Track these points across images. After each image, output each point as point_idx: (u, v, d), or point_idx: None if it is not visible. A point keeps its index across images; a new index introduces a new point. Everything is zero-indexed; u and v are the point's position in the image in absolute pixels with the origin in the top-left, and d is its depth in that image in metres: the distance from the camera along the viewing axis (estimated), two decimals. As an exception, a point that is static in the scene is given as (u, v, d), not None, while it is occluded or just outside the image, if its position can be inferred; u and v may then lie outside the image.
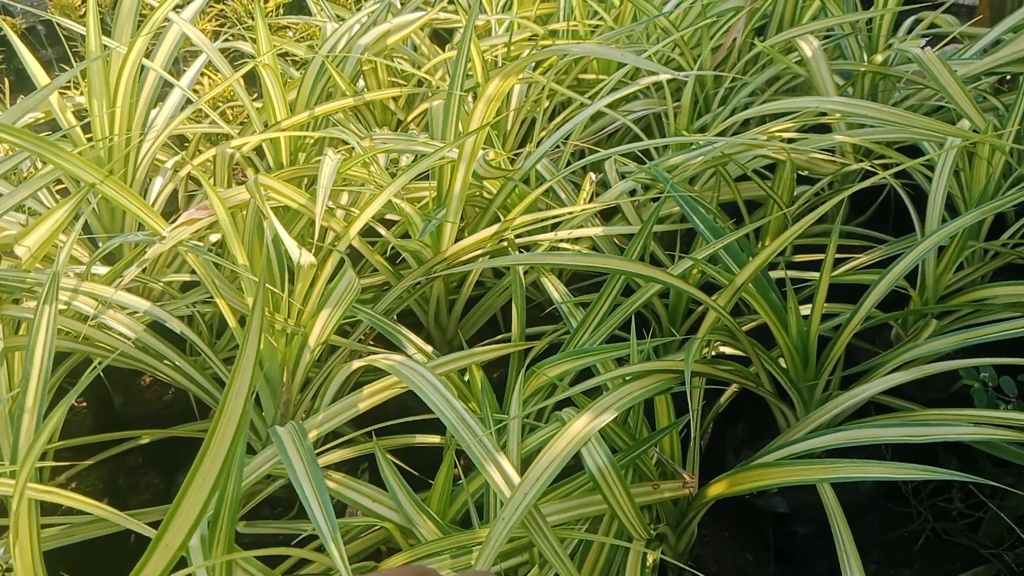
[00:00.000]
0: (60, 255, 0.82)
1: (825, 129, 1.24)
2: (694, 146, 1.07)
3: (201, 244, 0.91)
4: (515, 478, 0.70)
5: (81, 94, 1.34)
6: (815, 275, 1.11)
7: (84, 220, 0.96)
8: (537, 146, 1.13)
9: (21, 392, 0.79)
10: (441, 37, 1.79)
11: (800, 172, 1.17)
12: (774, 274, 1.08)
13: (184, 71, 1.34)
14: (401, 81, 1.46)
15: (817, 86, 1.23)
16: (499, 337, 1.01)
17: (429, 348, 0.96)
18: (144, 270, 0.99)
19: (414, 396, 1.02)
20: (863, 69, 1.31)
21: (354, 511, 0.84)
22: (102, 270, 0.99)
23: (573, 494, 0.79)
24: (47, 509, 0.92)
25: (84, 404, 1.23)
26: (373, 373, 0.93)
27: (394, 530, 0.76)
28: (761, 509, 0.97)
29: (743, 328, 0.92)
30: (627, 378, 0.78)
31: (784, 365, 0.94)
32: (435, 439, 0.94)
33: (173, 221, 0.90)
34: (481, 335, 1.17)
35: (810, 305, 0.94)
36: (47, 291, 0.78)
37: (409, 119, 1.36)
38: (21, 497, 0.70)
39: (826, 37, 1.42)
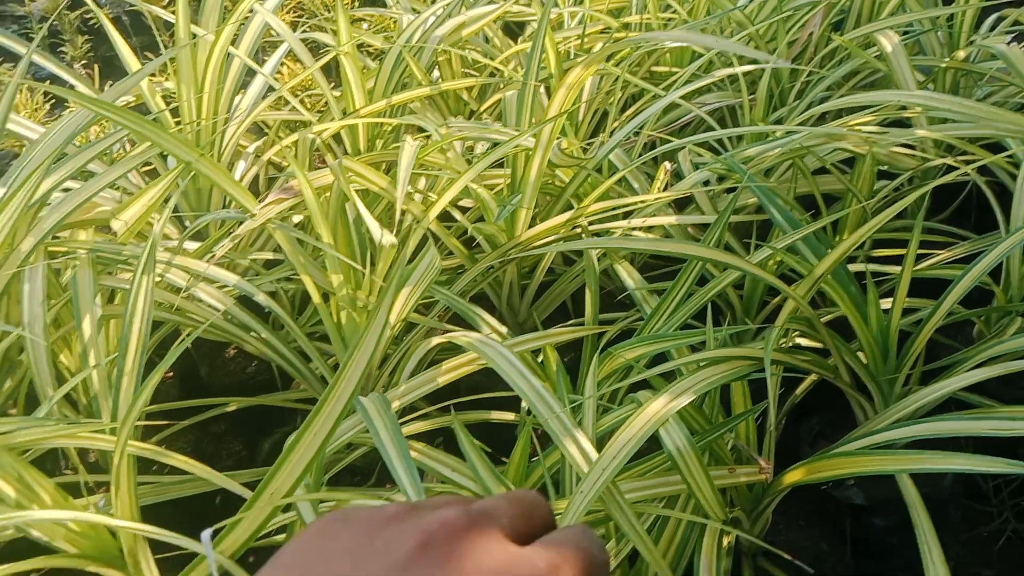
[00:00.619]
0: (157, 227, 0.86)
1: (905, 125, 1.22)
2: (771, 137, 1.07)
3: (286, 224, 0.94)
4: (593, 454, 0.71)
5: (168, 79, 1.39)
6: (895, 268, 1.10)
7: (174, 200, 1.00)
8: (610, 136, 1.14)
9: (120, 356, 0.83)
10: (511, 31, 1.80)
11: (879, 167, 1.15)
12: (853, 267, 1.07)
13: (264, 61, 1.38)
14: (474, 72, 1.48)
15: (897, 81, 1.21)
16: (570, 322, 1.02)
17: (504, 329, 0.98)
18: (231, 248, 1.02)
19: (485, 375, 1.04)
20: (944, 65, 1.29)
21: (432, 480, 0.86)
22: (192, 247, 1.03)
23: (648, 474, 0.79)
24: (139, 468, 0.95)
25: (171, 374, 1.28)
26: (446, 352, 0.95)
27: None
28: (837, 500, 0.96)
29: (821, 320, 0.92)
30: (703, 363, 0.78)
31: (863, 358, 0.94)
32: (509, 416, 0.96)
33: (261, 201, 0.93)
34: (551, 321, 1.18)
35: (890, 299, 0.93)
36: (145, 260, 0.82)
37: (482, 109, 1.38)
38: (123, 453, 0.74)
39: (904, 33, 1.40)
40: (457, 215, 1.09)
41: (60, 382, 0.96)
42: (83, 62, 2.07)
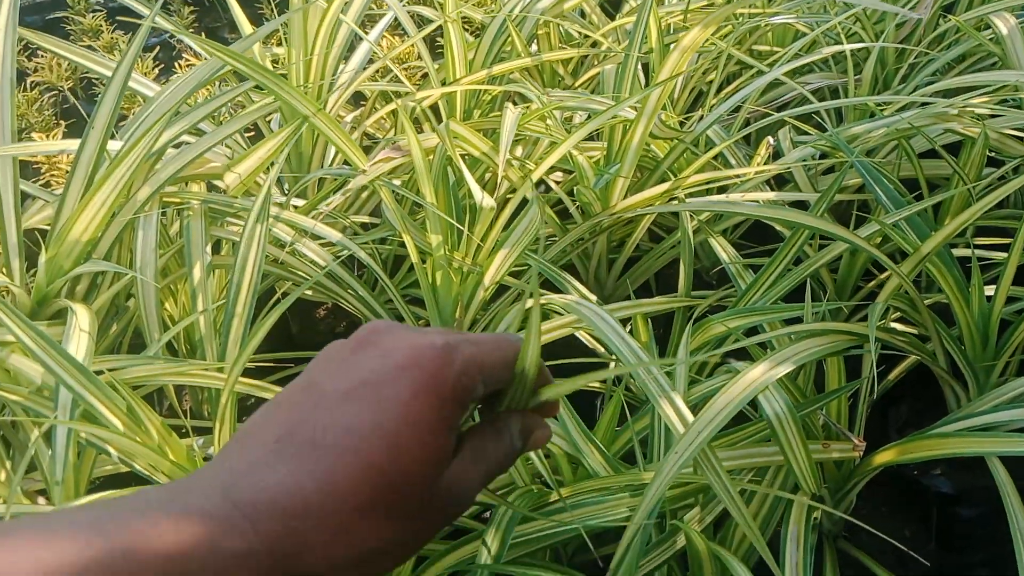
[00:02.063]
0: (272, 174, 0.89)
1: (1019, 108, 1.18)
2: (877, 116, 1.05)
3: (392, 182, 0.97)
4: (689, 416, 0.71)
5: (279, 44, 1.44)
6: (1000, 255, 1.07)
7: (284, 156, 1.03)
8: (709, 111, 1.14)
9: (230, 301, 0.86)
10: (606, 9, 1.80)
11: (988, 153, 1.12)
12: (955, 253, 1.04)
13: (367, 32, 1.41)
14: (571, 47, 1.49)
15: (1011, 64, 1.17)
16: (660, 297, 1.02)
17: (593, 298, 0.99)
18: (333, 207, 1.05)
19: (564, 346, 1.05)
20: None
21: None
22: (296, 205, 1.07)
23: (738, 444, 0.79)
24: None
25: (261, 332, 1.32)
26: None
27: (561, 457, 0.79)
28: (922, 489, 0.94)
29: (924, 302, 0.90)
30: (803, 335, 0.78)
31: (962, 344, 0.92)
32: (595, 384, 0.97)
33: (370, 160, 0.96)
34: (636, 297, 1.19)
35: (994, 286, 0.91)
36: (259, 208, 0.85)
37: (577, 84, 1.38)
38: (231, 391, 0.78)
39: (1020, 16, 1.35)
40: (552, 184, 1.10)
41: (164, 330, 1.01)
42: (189, 31, 2.14)
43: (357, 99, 1.58)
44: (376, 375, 0.36)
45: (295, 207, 1.04)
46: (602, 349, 1.03)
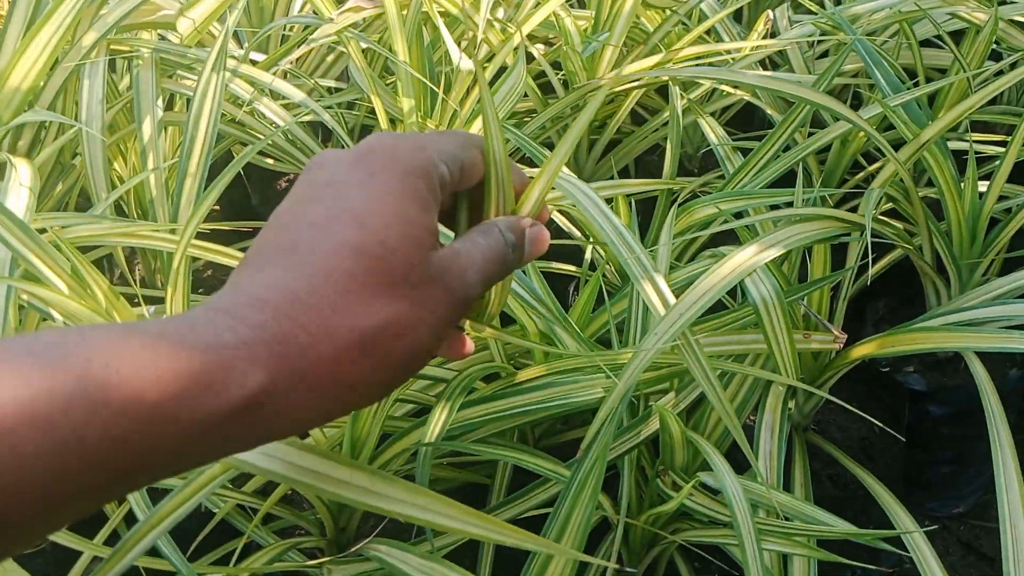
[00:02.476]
0: (230, 20, 0.81)
1: None
2: (881, -4, 0.98)
3: (362, 35, 0.89)
4: (671, 298, 0.68)
5: None
6: (994, 150, 1.04)
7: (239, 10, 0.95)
8: (705, -16, 1.06)
9: (183, 159, 0.80)
10: None
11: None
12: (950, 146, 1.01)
13: None
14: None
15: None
16: (641, 179, 0.97)
17: (574, 177, 0.94)
18: (295, 65, 0.97)
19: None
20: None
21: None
22: (257, 58, 0.99)
23: (718, 331, 0.77)
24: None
25: (217, 206, 1.26)
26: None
27: (533, 336, 0.76)
28: (897, 383, 0.94)
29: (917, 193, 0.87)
30: (795, 219, 0.74)
31: (950, 240, 0.89)
32: (570, 267, 0.93)
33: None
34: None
35: (987, 182, 0.88)
36: (215, 58, 0.77)
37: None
38: (184, 254, 0.72)
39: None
40: (535, 53, 1.03)
41: (113, 190, 0.94)
42: None
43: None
44: (328, 177, 0.36)
45: (254, 62, 0.96)
46: (578, 233, 0.99)
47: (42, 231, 0.79)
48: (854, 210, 0.94)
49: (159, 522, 0.54)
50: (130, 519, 0.70)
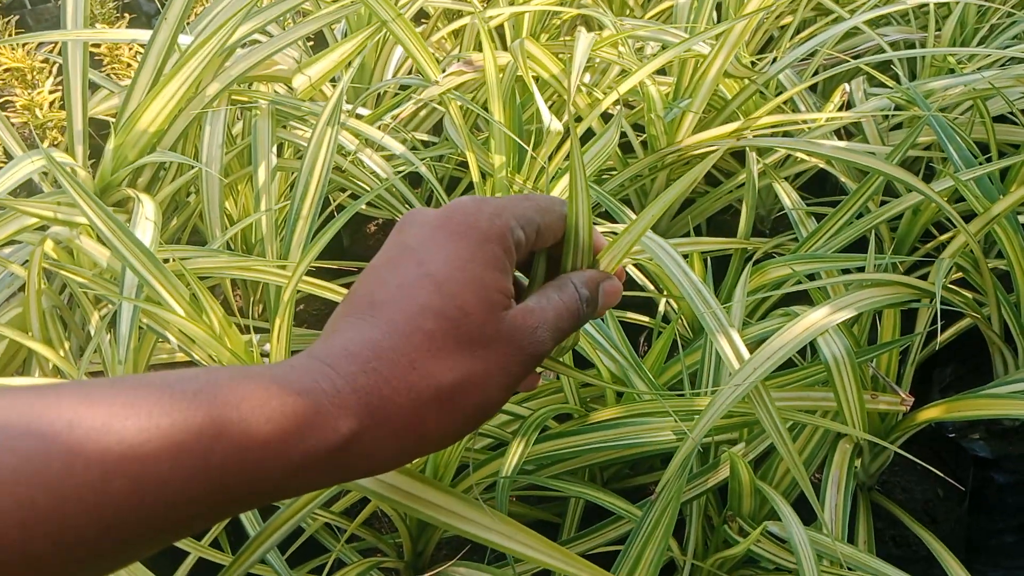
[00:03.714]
0: (343, 81, 0.89)
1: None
2: (956, 73, 1.02)
3: (461, 95, 0.96)
4: (745, 353, 0.72)
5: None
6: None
7: (358, 61, 1.03)
8: (783, 55, 1.11)
9: (297, 201, 0.87)
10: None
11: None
12: (1021, 219, 1.03)
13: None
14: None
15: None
16: (717, 237, 1.01)
17: (652, 232, 0.99)
18: (396, 121, 1.05)
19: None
20: None
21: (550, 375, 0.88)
22: (362, 112, 1.07)
23: (788, 387, 0.80)
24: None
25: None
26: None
27: (608, 379, 0.80)
28: (961, 449, 0.95)
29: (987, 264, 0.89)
30: (866, 284, 0.77)
31: (1018, 311, 0.91)
32: (643, 318, 0.98)
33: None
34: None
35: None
36: (331, 111, 0.85)
37: (647, 16, 1.36)
38: (294, 288, 0.79)
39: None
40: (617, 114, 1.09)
41: (224, 227, 1.02)
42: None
43: (418, 17, 1.57)
44: (416, 240, 0.40)
45: (359, 116, 1.04)
46: (651, 287, 1.04)
47: (165, 261, 0.87)
48: (924, 278, 0.97)
49: (269, 535, 0.59)
50: (232, 529, 0.76)
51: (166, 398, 0.32)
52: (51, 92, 1.41)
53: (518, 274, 0.47)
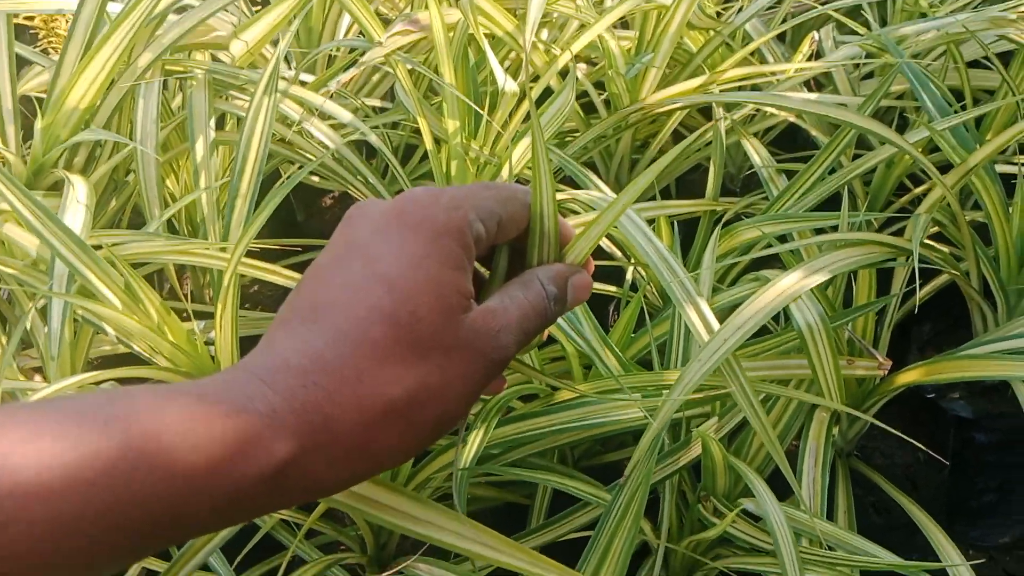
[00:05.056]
0: (281, 45, 0.83)
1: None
2: (928, 17, 0.98)
3: (408, 57, 0.90)
4: (715, 323, 0.68)
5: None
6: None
7: (296, 24, 0.97)
8: (748, 3, 1.06)
9: (235, 179, 0.82)
10: None
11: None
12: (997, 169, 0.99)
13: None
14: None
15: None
16: (684, 200, 0.97)
17: (614, 196, 0.94)
18: (342, 86, 0.99)
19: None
20: None
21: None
22: (307, 79, 1.01)
23: (760, 356, 0.76)
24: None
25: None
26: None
27: (573, 357, 0.76)
28: (942, 410, 0.92)
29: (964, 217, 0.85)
30: (840, 244, 0.73)
31: (997, 265, 0.88)
32: (611, 288, 0.93)
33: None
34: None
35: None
36: (268, 80, 0.79)
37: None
38: (234, 271, 0.74)
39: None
40: (578, 75, 1.04)
41: (165, 207, 0.96)
42: None
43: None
44: (364, 235, 0.36)
45: (303, 83, 0.98)
46: (619, 253, 1.00)
47: (97, 247, 0.81)
48: (900, 232, 0.93)
49: (209, 539, 0.55)
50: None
51: (74, 428, 0.28)
52: (-19, 69, 1.33)
53: (478, 266, 0.42)
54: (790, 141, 1.22)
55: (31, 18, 1.48)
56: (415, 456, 0.35)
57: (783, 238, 0.85)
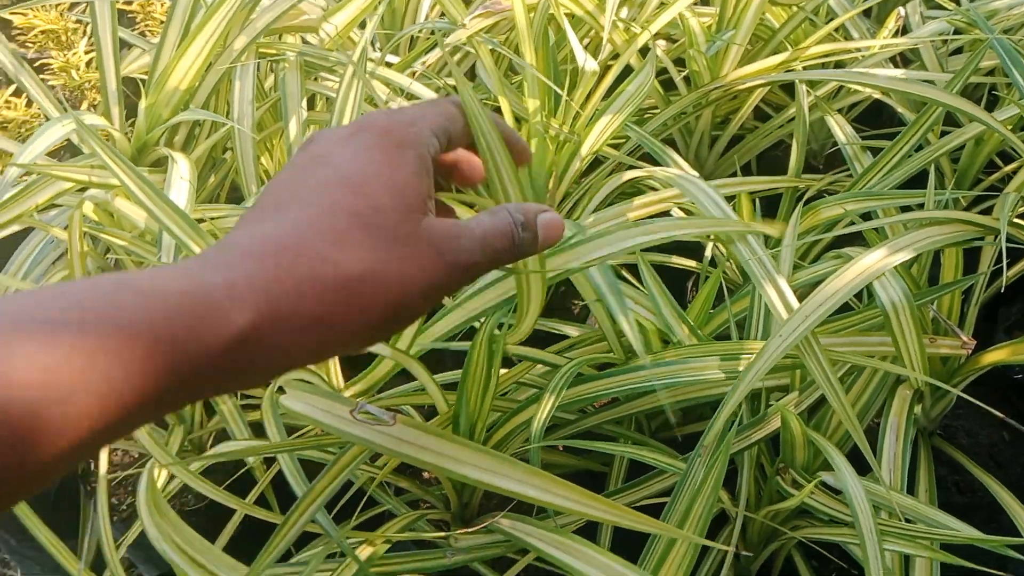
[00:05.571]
0: (367, 30, 0.86)
1: None
2: (1024, -10, 0.95)
3: (490, 38, 0.92)
4: (794, 301, 0.68)
5: None
6: None
7: (382, 8, 1.00)
8: (834, -20, 1.05)
9: (327, 156, 0.85)
10: None
11: None
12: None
13: None
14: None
15: None
16: (765, 176, 0.97)
17: (695, 173, 0.95)
18: (428, 66, 1.02)
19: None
20: None
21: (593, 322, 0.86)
22: (392, 60, 1.04)
23: (841, 332, 0.76)
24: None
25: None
26: (622, 197, 0.93)
27: (652, 333, 0.78)
28: (1026, 393, 0.91)
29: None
30: (925, 223, 0.73)
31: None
32: (690, 263, 0.94)
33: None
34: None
35: None
36: (358, 63, 0.83)
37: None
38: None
39: None
40: (658, 52, 1.04)
41: (260, 184, 1.01)
42: None
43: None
44: (327, 149, 0.39)
45: (388, 64, 1.01)
46: (697, 229, 1.00)
47: (200, 221, 0.86)
48: (988, 212, 0.91)
49: (317, 496, 0.59)
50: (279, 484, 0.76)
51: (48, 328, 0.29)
52: (86, 52, 1.41)
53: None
54: (874, 117, 1.20)
55: (129, 2, 1.55)
56: (380, 341, 0.37)
57: (867, 216, 0.85)
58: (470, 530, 0.70)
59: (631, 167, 0.97)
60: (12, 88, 1.37)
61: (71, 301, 0.30)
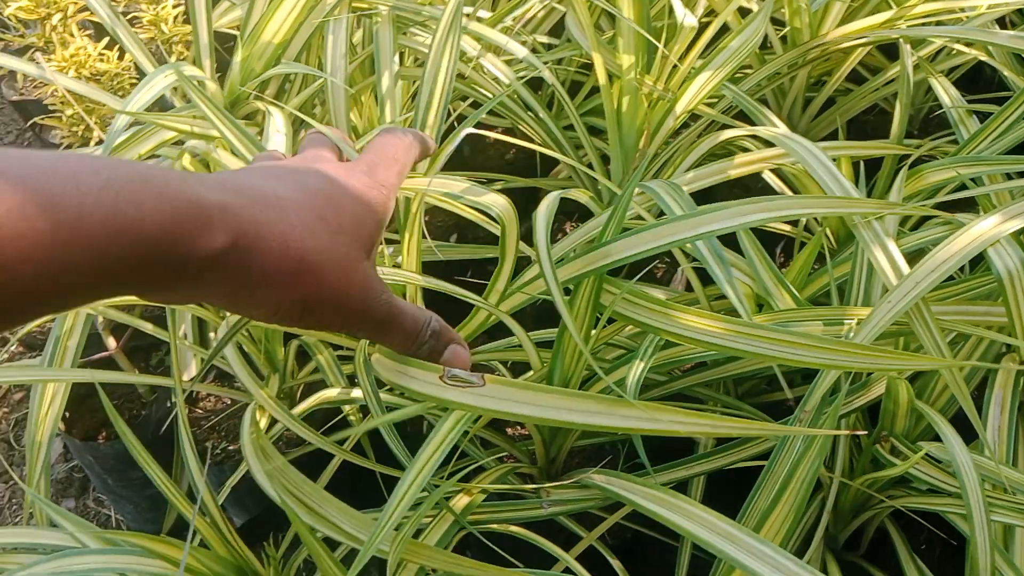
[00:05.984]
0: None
1: None
2: None
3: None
4: (904, 267, 0.67)
5: None
6: None
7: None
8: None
9: (422, 111, 0.85)
10: None
11: None
12: None
13: None
14: None
15: None
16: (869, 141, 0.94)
17: (799, 136, 0.93)
18: (516, 21, 1.01)
19: (746, 188, 0.99)
20: None
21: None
22: (483, 15, 1.03)
23: (948, 300, 0.74)
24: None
25: (429, 154, 1.32)
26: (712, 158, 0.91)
27: (748, 297, 0.77)
28: None
29: None
30: (1042, 188, 0.70)
31: None
32: (785, 227, 0.93)
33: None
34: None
35: None
36: (450, 19, 0.82)
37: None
38: (421, 200, 0.78)
39: None
40: (754, 6, 1.01)
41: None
42: None
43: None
44: (327, 166, 0.47)
45: (480, 19, 1.01)
46: (788, 191, 0.98)
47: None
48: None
49: (427, 461, 0.59)
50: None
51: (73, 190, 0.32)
52: (175, 6, 1.43)
53: None
54: (971, 82, 1.15)
55: (214, -42, 1.57)
56: (289, 324, 0.42)
57: (972, 182, 0.82)
58: (563, 483, 0.71)
59: (724, 126, 0.95)
60: (104, 41, 1.40)
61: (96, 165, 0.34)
